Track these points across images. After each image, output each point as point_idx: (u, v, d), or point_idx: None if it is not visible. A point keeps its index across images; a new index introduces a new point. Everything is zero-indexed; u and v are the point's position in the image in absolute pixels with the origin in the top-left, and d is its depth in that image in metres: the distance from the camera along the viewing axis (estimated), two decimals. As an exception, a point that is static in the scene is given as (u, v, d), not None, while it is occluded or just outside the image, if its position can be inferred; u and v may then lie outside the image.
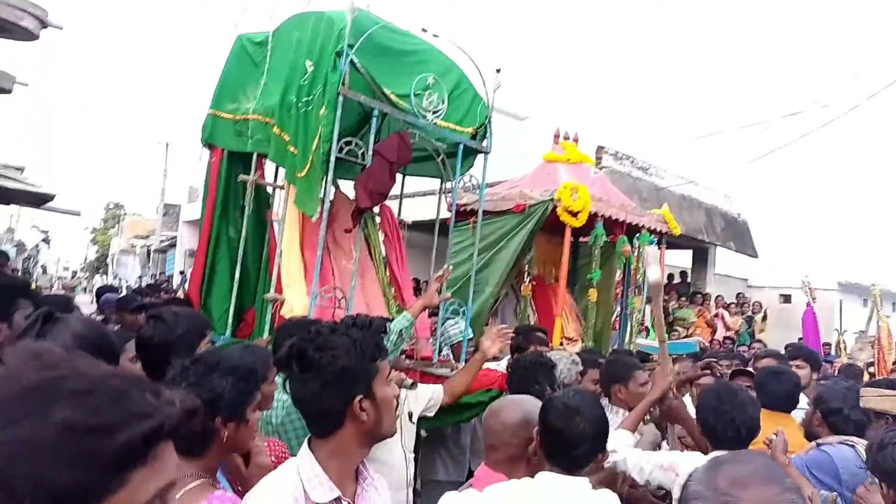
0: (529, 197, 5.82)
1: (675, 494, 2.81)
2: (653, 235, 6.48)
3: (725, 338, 12.52)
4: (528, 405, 2.24)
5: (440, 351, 4.58)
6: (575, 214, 5.64)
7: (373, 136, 3.86)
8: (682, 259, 16.11)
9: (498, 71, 4.42)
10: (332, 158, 3.68)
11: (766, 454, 1.31)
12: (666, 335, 3.79)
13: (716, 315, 13.39)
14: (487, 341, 3.56)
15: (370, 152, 3.85)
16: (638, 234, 6.38)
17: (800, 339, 12.30)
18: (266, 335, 3.79)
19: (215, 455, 1.89)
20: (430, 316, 4.81)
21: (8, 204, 12.68)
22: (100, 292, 9.19)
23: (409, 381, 3.33)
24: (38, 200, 10.13)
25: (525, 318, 6.02)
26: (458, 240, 5.41)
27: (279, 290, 3.94)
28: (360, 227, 4.14)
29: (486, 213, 4.92)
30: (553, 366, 3.37)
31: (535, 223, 5.71)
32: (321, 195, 3.81)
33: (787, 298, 17.47)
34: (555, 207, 5.65)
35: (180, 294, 9.64)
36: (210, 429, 1.83)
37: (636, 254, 6.37)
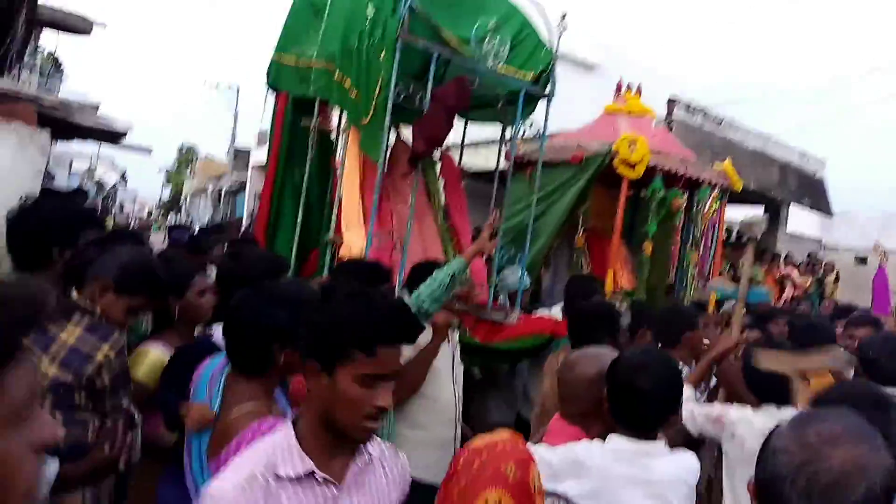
0: (587, 148, 5.73)
1: (725, 447, 2.81)
2: (714, 190, 6.30)
3: (793, 297, 12.19)
4: (605, 359, 2.15)
5: (496, 297, 4.64)
6: (632, 166, 5.50)
7: (430, 80, 3.85)
8: (752, 216, 15.61)
9: (563, 16, 4.32)
10: (390, 104, 3.71)
11: (853, 413, 1.25)
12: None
13: (785, 274, 13.00)
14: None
15: (428, 97, 3.86)
16: (697, 189, 6.23)
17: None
18: (325, 275, 3.92)
19: (272, 377, 2.06)
20: (486, 262, 4.86)
21: (84, 138, 13.27)
22: (171, 230, 9.59)
23: (457, 320, 3.40)
24: (113, 137, 10.50)
25: (578, 268, 6.02)
26: (515, 189, 5.40)
27: (339, 231, 4.05)
28: (417, 171, 4.17)
29: (543, 163, 4.88)
30: (617, 316, 3.34)
31: (592, 175, 5.64)
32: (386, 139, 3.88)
33: (862, 261, 16.78)
34: (612, 159, 5.55)
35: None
36: (268, 354, 1.99)
37: (697, 208, 6.23)
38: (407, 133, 4.48)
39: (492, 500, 1.55)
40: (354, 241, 3.87)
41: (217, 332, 2.36)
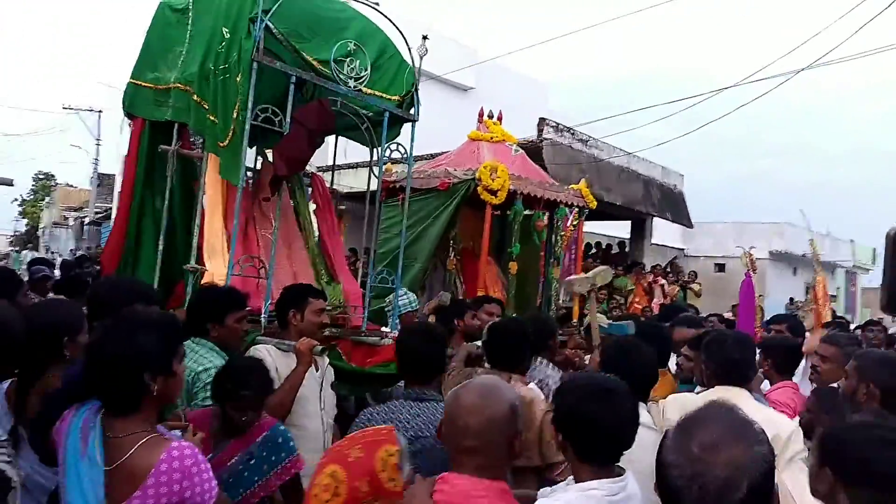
0: (453, 175, 6.10)
1: None
2: (570, 209, 6.77)
3: (661, 304, 12.89)
4: (509, 392, 1.88)
5: (376, 321, 4.59)
6: (494, 193, 5.93)
7: (290, 103, 3.80)
8: (620, 230, 16.46)
9: (425, 38, 4.39)
10: (247, 127, 3.64)
11: (732, 408, 1.41)
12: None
13: (653, 282, 13.73)
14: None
15: (288, 119, 3.80)
16: (556, 209, 6.64)
17: (734, 306, 12.76)
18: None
19: (150, 409, 1.95)
20: (361, 287, 4.82)
21: None
22: (30, 265, 8.83)
23: (319, 347, 3.31)
24: None
25: (450, 290, 6.22)
26: (389, 215, 5.52)
27: (203, 261, 3.88)
28: (279, 195, 4.09)
29: (414, 190, 5.06)
30: (442, 337, 3.30)
31: (459, 201, 6.02)
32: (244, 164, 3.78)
33: (721, 267, 18.09)
34: (476, 186, 5.94)
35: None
36: (140, 385, 1.89)
37: (556, 226, 6.62)
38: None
39: (328, 472, 1.85)
40: (218, 269, 3.73)
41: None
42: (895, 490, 1.56)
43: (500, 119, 6.99)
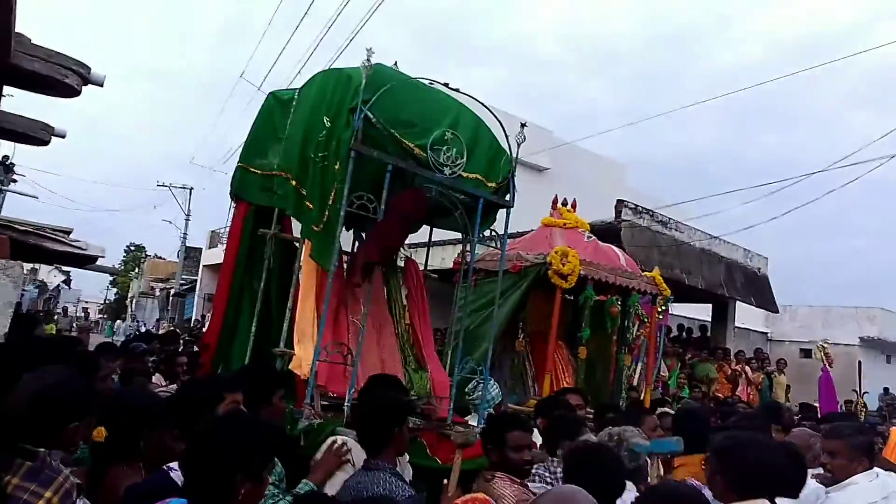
0: (525, 259, 6.32)
1: None
2: (644, 296, 6.78)
3: (748, 393, 12.36)
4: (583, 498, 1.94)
5: (463, 413, 4.54)
6: (565, 277, 6.13)
7: (385, 190, 3.86)
8: (701, 312, 15.95)
9: (523, 125, 4.42)
10: (342, 214, 3.72)
11: None
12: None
13: (738, 371, 13.17)
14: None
15: (382, 207, 3.86)
16: (630, 295, 6.72)
17: (815, 401, 12.06)
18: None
19: None
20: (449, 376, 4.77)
21: (51, 264, 12.84)
22: (128, 342, 9.23)
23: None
24: (84, 261, 10.24)
25: (518, 372, 6.44)
26: (462, 296, 5.61)
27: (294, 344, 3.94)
28: (369, 281, 4.13)
29: (486, 271, 5.17)
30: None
31: (529, 283, 6.23)
32: (338, 249, 3.86)
33: (807, 353, 17.21)
34: (547, 270, 6.14)
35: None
36: (229, 485, 1.82)
37: (629, 313, 6.63)
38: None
39: None
40: (306, 353, 3.74)
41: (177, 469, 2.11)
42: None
43: (573, 206, 7.22)
